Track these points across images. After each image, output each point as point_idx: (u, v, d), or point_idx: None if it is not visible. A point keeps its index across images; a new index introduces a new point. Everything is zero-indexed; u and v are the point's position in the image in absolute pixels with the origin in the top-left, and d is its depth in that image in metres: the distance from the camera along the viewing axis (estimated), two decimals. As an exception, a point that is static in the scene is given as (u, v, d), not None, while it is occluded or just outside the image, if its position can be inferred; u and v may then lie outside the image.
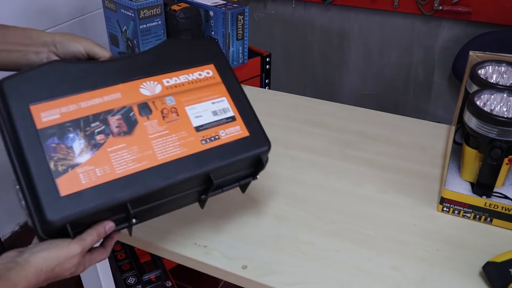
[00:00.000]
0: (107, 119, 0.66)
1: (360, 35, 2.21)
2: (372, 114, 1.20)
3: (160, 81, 0.72)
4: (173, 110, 0.70)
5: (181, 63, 0.75)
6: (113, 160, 0.64)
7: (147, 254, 1.45)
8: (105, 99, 0.67)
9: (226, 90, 0.75)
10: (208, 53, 0.78)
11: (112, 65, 0.71)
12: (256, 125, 0.74)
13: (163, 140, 0.68)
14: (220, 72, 0.76)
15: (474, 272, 0.75)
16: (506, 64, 0.94)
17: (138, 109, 0.68)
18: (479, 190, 0.87)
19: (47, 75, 0.66)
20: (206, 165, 0.69)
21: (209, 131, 0.71)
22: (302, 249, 0.80)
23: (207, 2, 1.45)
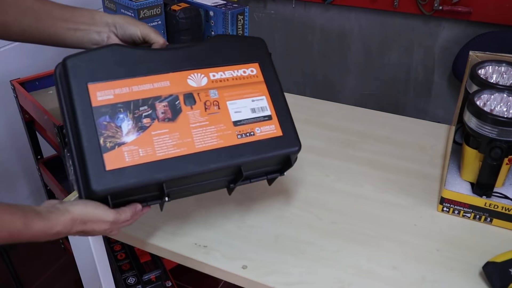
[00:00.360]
0: (155, 105, 0.72)
1: (360, 35, 2.21)
2: (372, 114, 1.20)
3: (207, 74, 0.76)
4: (215, 103, 0.75)
5: (228, 58, 0.79)
6: (155, 143, 0.70)
7: (147, 254, 1.45)
8: (155, 85, 0.73)
9: (266, 89, 0.79)
10: (255, 52, 0.82)
11: (165, 54, 0.76)
12: (290, 126, 0.79)
13: (202, 130, 0.73)
14: (263, 72, 0.80)
15: (474, 272, 0.75)
16: (506, 64, 0.94)
17: (183, 98, 0.74)
18: (479, 190, 0.87)
19: (106, 57, 0.72)
20: (238, 158, 0.73)
21: (246, 126, 0.75)
22: (302, 249, 0.80)
23: (207, 2, 1.45)
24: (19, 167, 1.95)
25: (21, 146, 1.85)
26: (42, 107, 1.32)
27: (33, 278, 1.79)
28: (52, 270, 1.83)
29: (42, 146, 1.65)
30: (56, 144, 1.34)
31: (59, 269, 1.84)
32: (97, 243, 0.92)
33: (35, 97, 1.41)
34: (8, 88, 1.51)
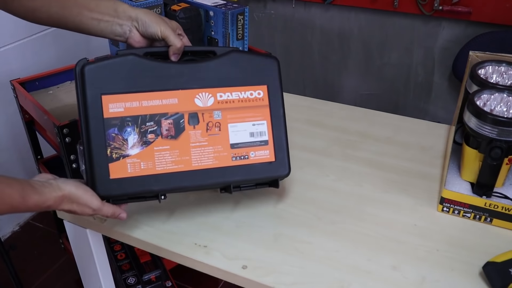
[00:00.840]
0: (160, 121, 0.77)
1: (360, 35, 2.21)
2: (372, 114, 1.20)
3: (214, 94, 0.80)
4: (217, 124, 0.80)
5: (238, 78, 0.82)
6: (156, 158, 0.76)
7: (147, 254, 1.45)
8: (164, 102, 0.77)
9: (269, 114, 0.82)
10: (266, 72, 0.84)
11: (178, 68, 0.80)
12: (283, 152, 0.83)
13: (200, 150, 0.78)
14: (270, 95, 0.83)
15: (474, 272, 0.75)
16: (506, 64, 0.94)
17: (188, 117, 0.78)
18: (479, 190, 0.87)
19: (121, 68, 0.76)
20: (229, 178, 0.80)
21: (242, 150, 0.80)
22: (302, 249, 0.80)
23: (207, 2, 1.45)
24: (19, 167, 1.95)
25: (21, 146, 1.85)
26: (42, 107, 1.32)
27: (33, 278, 1.79)
28: (52, 270, 1.83)
29: (42, 146, 1.65)
30: (56, 144, 1.34)
31: (59, 269, 1.84)
32: (97, 243, 0.93)
33: (35, 97, 1.41)
34: (8, 88, 1.51)
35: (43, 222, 2.05)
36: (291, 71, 2.46)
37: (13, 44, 1.73)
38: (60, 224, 1.70)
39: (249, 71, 0.82)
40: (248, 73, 0.82)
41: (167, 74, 0.78)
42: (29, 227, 2.04)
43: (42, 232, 2.01)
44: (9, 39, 1.72)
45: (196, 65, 0.80)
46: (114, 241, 1.47)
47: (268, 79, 0.83)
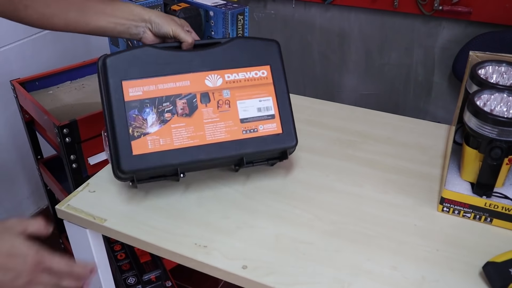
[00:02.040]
0: (175, 101, 0.85)
1: (360, 35, 2.21)
2: (372, 114, 1.20)
3: (222, 75, 0.89)
4: (227, 102, 0.88)
5: (243, 61, 0.90)
6: (173, 134, 0.84)
7: (147, 254, 1.45)
8: (177, 84, 0.86)
9: (274, 91, 0.90)
10: (268, 54, 0.92)
11: (189, 55, 0.88)
12: (289, 125, 0.90)
13: (213, 126, 0.86)
14: (273, 74, 0.91)
15: (474, 272, 0.75)
16: (506, 64, 0.94)
17: (200, 96, 0.87)
18: (479, 190, 0.87)
19: (139, 58, 0.86)
20: (241, 150, 0.87)
21: (251, 124, 0.88)
22: (302, 249, 0.80)
23: (207, 2, 1.45)
24: (19, 167, 1.95)
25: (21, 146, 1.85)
26: (42, 107, 1.32)
27: (33, 278, 1.79)
28: (52, 270, 1.83)
29: (42, 146, 1.65)
30: (56, 144, 1.34)
31: (59, 269, 1.83)
32: (97, 243, 0.93)
33: (35, 97, 1.41)
34: (8, 88, 1.51)
35: (43, 222, 2.05)
36: (291, 71, 2.46)
37: (13, 44, 1.73)
38: (60, 224, 1.70)
39: (252, 54, 0.90)
40: (252, 55, 0.90)
41: (179, 61, 0.87)
42: (29, 227, 2.03)
43: (42, 232, 2.01)
44: (9, 39, 1.72)
45: (204, 51, 0.89)
46: (114, 241, 1.47)
47: (270, 59, 0.91)
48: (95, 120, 1.26)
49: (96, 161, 1.33)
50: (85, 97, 1.48)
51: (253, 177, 0.97)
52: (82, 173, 1.32)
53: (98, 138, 1.30)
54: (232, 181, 0.95)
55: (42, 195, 1.86)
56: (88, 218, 0.86)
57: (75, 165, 1.28)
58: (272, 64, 0.91)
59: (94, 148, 1.31)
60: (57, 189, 1.54)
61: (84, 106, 1.43)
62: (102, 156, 1.33)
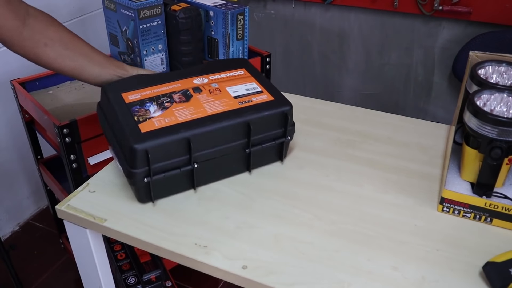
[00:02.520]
0: (172, 96, 0.94)
1: (360, 35, 2.21)
2: (372, 114, 1.20)
3: (207, 77, 1.01)
4: (217, 90, 0.97)
5: (222, 69, 1.04)
6: (176, 113, 0.90)
7: (147, 254, 1.45)
8: (170, 87, 0.97)
9: (255, 79, 1.01)
10: (241, 64, 1.07)
11: (175, 72, 1.02)
12: (278, 94, 0.98)
13: (211, 103, 0.93)
14: (250, 72, 1.04)
15: (474, 272, 0.75)
16: (506, 64, 0.94)
17: (192, 90, 0.97)
18: (479, 190, 0.87)
19: (133, 79, 1.00)
20: (244, 117, 0.91)
21: (244, 98, 0.95)
22: (302, 249, 0.80)
23: (207, 2, 1.45)
24: (19, 167, 1.95)
25: (21, 146, 1.85)
26: (42, 107, 1.32)
27: (33, 278, 1.79)
28: (52, 270, 1.83)
29: (42, 146, 1.65)
30: (56, 144, 1.34)
31: (59, 269, 1.84)
32: (97, 243, 0.93)
33: (35, 97, 1.41)
34: (8, 88, 1.51)
35: (43, 222, 2.05)
36: (291, 71, 2.46)
37: (13, 44, 1.73)
38: (60, 224, 1.70)
39: (227, 66, 1.05)
40: (227, 66, 1.05)
41: (168, 76, 1.01)
42: (29, 227, 2.04)
43: (42, 232, 2.01)
44: (9, 39, 1.72)
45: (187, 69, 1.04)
46: (114, 241, 1.47)
47: (244, 67, 1.05)
48: (95, 120, 1.26)
49: (96, 161, 1.33)
50: (85, 97, 1.48)
51: (253, 177, 0.97)
52: (82, 173, 1.32)
53: (98, 138, 1.30)
54: (232, 181, 0.95)
55: (42, 195, 1.86)
56: (88, 218, 0.86)
57: (75, 165, 1.28)
58: (247, 68, 1.05)
59: (94, 148, 1.31)
60: (57, 189, 1.54)
61: (84, 106, 1.43)
62: (102, 156, 1.33)
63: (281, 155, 0.99)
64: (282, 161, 1.00)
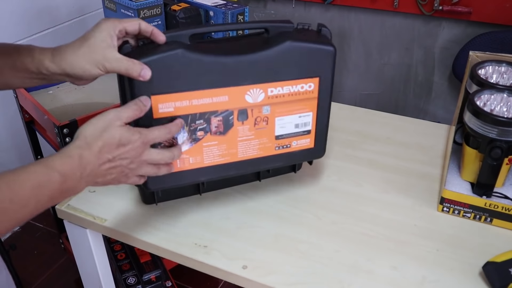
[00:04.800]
0: (210, 119, 0.76)
1: (360, 35, 2.21)
2: (372, 114, 1.20)
3: (266, 89, 0.77)
4: (265, 119, 0.80)
5: (291, 71, 0.78)
6: (204, 153, 0.78)
7: (147, 254, 1.45)
8: (214, 100, 0.75)
9: (316, 105, 0.82)
10: (321, 63, 0.79)
11: (231, 63, 0.74)
12: (322, 140, 0.87)
13: (247, 143, 0.81)
14: (320, 87, 0.81)
15: (474, 272, 0.75)
16: (506, 64, 0.94)
17: (237, 113, 0.77)
18: (479, 190, 0.87)
19: (171, 64, 0.71)
20: (271, 165, 0.86)
21: (285, 140, 0.83)
22: (302, 249, 0.80)
23: (207, 2, 1.45)
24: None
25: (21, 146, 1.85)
26: (42, 107, 1.32)
27: (33, 278, 1.79)
28: (52, 270, 1.83)
29: (42, 146, 1.65)
30: (56, 144, 1.34)
31: (59, 269, 1.84)
32: (97, 243, 0.92)
33: (35, 97, 1.41)
34: (8, 88, 1.51)
35: (43, 222, 2.05)
36: (291, 71, 2.46)
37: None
38: (60, 224, 1.70)
39: (303, 63, 0.78)
40: (302, 65, 0.78)
41: (219, 70, 0.73)
42: (29, 227, 2.04)
43: (42, 232, 2.01)
44: (9, 39, 1.72)
45: (248, 58, 0.75)
46: (114, 241, 1.47)
47: (322, 70, 0.79)
48: (95, 120, 1.26)
49: (96, 161, 1.33)
50: (85, 97, 1.48)
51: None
52: (82, 173, 1.32)
53: (98, 138, 1.29)
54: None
55: (42, 195, 1.86)
56: (88, 218, 0.86)
57: (75, 165, 1.28)
58: (322, 76, 0.79)
59: (94, 148, 1.31)
60: (57, 189, 1.54)
61: (84, 106, 1.43)
62: (102, 156, 1.33)
63: (294, 166, 0.95)
64: (295, 172, 0.96)
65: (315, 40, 0.79)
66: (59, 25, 1.87)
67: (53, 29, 1.85)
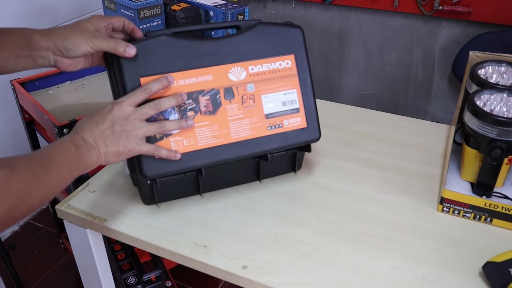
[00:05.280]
0: (198, 98, 0.80)
1: (360, 35, 2.21)
2: (372, 114, 1.20)
3: (246, 67, 0.84)
4: (251, 96, 0.84)
5: (266, 50, 0.85)
6: (197, 134, 0.80)
7: (147, 254, 1.45)
8: (199, 79, 0.80)
9: (298, 82, 0.87)
10: (292, 41, 0.88)
11: (210, 46, 0.82)
12: (314, 118, 0.88)
13: (238, 123, 0.83)
14: (298, 64, 0.87)
15: (474, 272, 0.75)
16: (506, 64, 0.94)
17: (224, 92, 0.82)
18: (479, 190, 0.87)
19: (155, 49, 0.78)
20: (266, 147, 0.85)
21: (276, 119, 0.85)
22: (302, 249, 0.80)
23: (207, 2, 1.45)
24: (19, 167, 1.94)
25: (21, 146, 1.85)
26: (42, 107, 1.32)
27: (33, 278, 1.79)
28: (52, 270, 1.83)
29: (42, 146, 1.65)
30: (56, 144, 1.33)
31: (59, 269, 1.84)
32: (97, 243, 0.92)
33: (35, 97, 1.41)
34: (8, 88, 1.51)
35: (43, 222, 2.05)
36: (291, 71, 2.46)
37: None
38: (60, 224, 1.70)
39: (276, 42, 0.86)
40: (275, 44, 0.86)
41: (200, 52, 0.81)
42: (29, 227, 2.04)
43: (42, 232, 2.01)
44: (9, 39, 1.72)
45: (226, 41, 0.83)
46: (114, 241, 1.47)
47: (295, 48, 0.87)
48: (95, 120, 1.26)
49: (96, 161, 1.33)
50: (85, 97, 1.48)
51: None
52: (82, 173, 1.32)
53: (98, 138, 1.29)
54: (232, 181, 0.95)
55: (42, 195, 1.86)
56: (88, 218, 0.86)
57: (75, 165, 1.28)
58: (297, 53, 0.87)
59: (94, 148, 1.31)
60: (57, 189, 1.54)
61: (84, 106, 1.43)
62: (102, 156, 1.33)
63: (294, 166, 0.95)
64: (295, 172, 0.96)
65: (282, 24, 0.88)
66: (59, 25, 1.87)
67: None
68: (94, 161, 0.72)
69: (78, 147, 0.70)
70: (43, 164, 0.64)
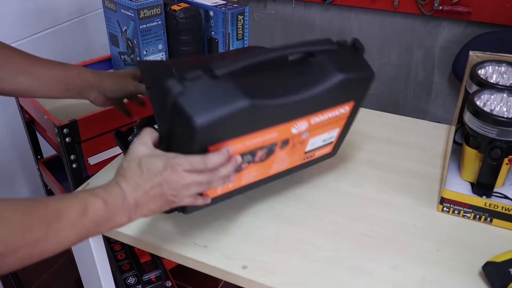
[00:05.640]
0: (256, 153, 0.75)
1: (360, 35, 2.21)
2: (372, 114, 1.20)
3: (309, 120, 0.78)
4: (301, 143, 0.81)
5: (334, 100, 0.79)
6: (243, 177, 0.78)
7: (147, 254, 1.45)
8: (265, 138, 0.73)
9: (344, 123, 0.86)
10: (359, 88, 0.82)
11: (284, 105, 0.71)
12: (339, 146, 0.91)
13: (282, 162, 0.82)
14: (352, 110, 0.84)
15: (474, 272, 0.75)
16: (506, 64, 0.94)
17: (280, 144, 0.78)
18: (479, 190, 0.87)
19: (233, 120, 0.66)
20: (293, 172, 0.88)
21: (311, 153, 0.86)
22: (302, 249, 0.80)
23: (207, 2, 1.45)
24: (19, 167, 1.95)
25: (21, 146, 1.85)
26: (42, 107, 1.32)
27: (33, 278, 1.79)
28: (52, 270, 1.83)
29: (42, 146, 1.65)
30: (56, 144, 1.34)
31: (59, 269, 1.84)
32: (97, 243, 0.92)
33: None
34: (8, 88, 1.51)
35: (43, 222, 2.05)
36: (291, 71, 2.46)
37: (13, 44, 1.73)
38: (60, 224, 1.70)
39: (346, 90, 0.79)
40: (345, 91, 0.79)
41: (271, 112, 0.71)
42: (29, 227, 2.03)
43: (42, 232, 2.01)
44: (9, 39, 1.72)
45: (300, 97, 0.73)
46: (114, 241, 1.47)
47: (357, 95, 0.82)
48: (95, 120, 1.26)
49: (96, 161, 1.33)
50: (85, 97, 1.48)
51: (253, 177, 0.97)
52: (82, 173, 1.32)
53: (98, 138, 1.30)
54: (232, 181, 0.95)
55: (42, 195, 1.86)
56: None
57: (75, 165, 1.28)
58: (357, 100, 0.82)
59: (94, 148, 1.31)
60: (57, 189, 1.54)
61: (84, 106, 1.43)
62: (102, 156, 1.33)
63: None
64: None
65: (357, 65, 0.81)
66: (59, 25, 1.87)
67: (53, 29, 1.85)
68: (122, 223, 0.65)
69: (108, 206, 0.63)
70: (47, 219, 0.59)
